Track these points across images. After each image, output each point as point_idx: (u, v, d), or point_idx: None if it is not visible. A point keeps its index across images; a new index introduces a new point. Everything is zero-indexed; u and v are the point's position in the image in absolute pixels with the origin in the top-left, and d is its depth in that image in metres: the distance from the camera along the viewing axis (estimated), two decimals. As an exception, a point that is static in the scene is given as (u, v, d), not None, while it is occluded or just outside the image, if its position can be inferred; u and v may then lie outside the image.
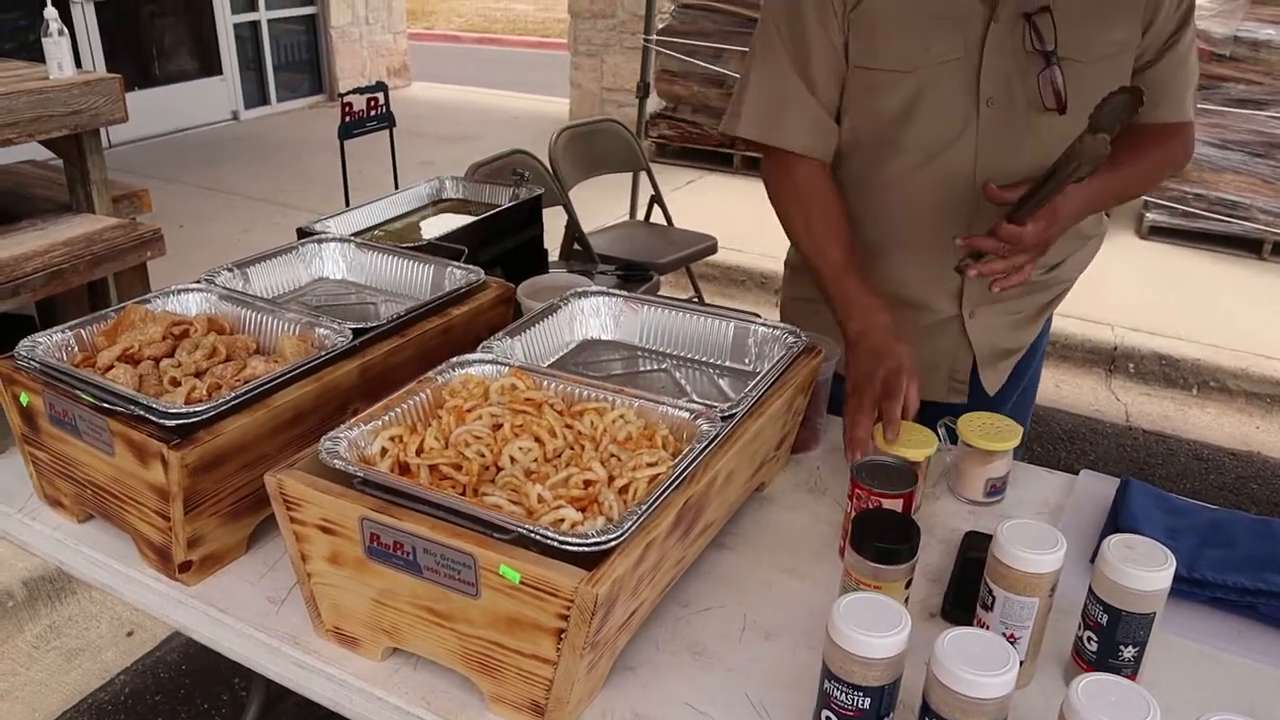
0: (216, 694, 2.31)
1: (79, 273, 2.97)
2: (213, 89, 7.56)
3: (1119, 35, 1.42)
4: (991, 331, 1.59)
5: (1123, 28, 1.42)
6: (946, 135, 1.44)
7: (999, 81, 1.41)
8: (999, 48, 1.40)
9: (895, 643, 0.84)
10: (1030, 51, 1.39)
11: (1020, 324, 1.62)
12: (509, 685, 0.94)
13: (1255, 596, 1.12)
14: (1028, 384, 1.73)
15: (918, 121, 1.44)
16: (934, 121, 1.44)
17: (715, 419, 1.08)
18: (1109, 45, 1.42)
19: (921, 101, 1.43)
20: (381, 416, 1.08)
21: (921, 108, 1.43)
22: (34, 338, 1.21)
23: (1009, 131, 1.43)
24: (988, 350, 1.60)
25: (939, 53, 1.41)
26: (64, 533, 1.25)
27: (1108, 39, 1.42)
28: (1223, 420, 3.69)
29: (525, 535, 0.88)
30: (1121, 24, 1.42)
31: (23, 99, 2.95)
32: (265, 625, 1.09)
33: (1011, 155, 1.43)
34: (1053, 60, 1.38)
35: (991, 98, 1.42)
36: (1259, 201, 4.88)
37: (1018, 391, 1.70)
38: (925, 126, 1.44)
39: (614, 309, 1.44)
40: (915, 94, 1.43)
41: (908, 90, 1.43)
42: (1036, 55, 1.39)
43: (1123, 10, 1.42)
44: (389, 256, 1.57)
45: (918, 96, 1.43)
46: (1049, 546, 0.95)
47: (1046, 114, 1.41)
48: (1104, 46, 1.41)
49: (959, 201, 1.46)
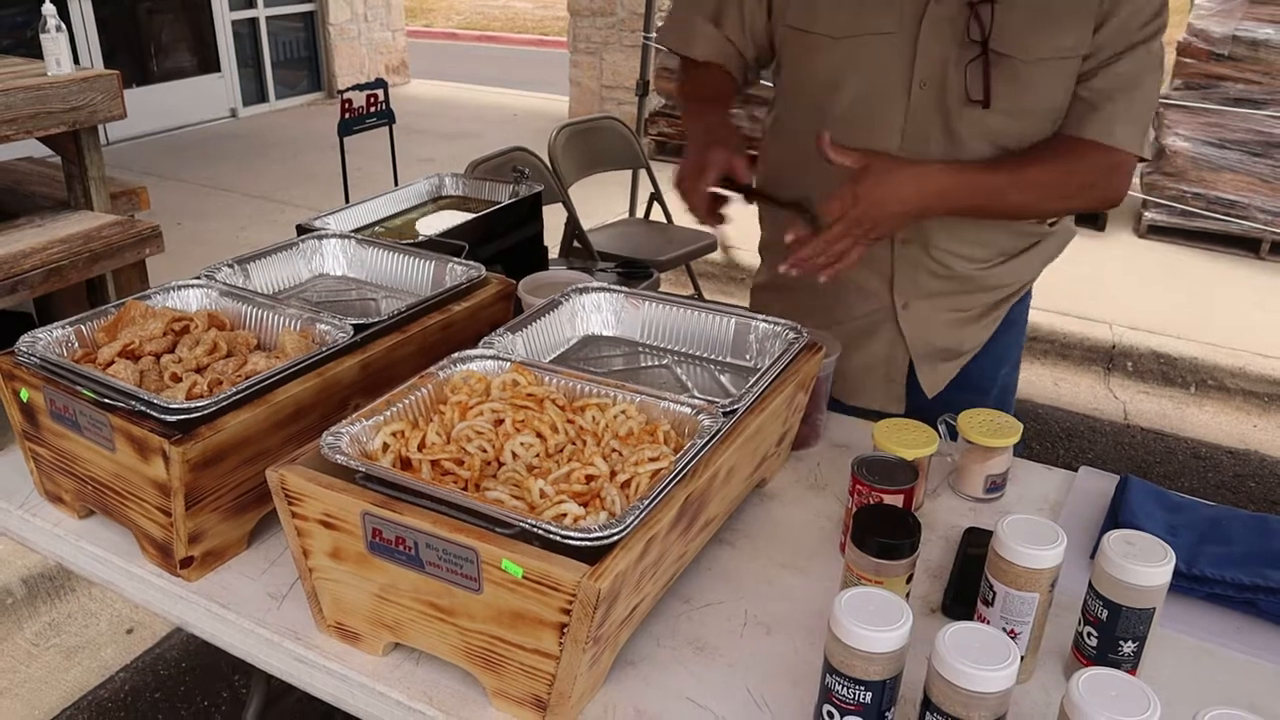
0: (216, 691, 2.31)
1: (77, 270, 2.97)
2: (211, 86, 7.55)
3: (1065, 41, 1.38)
4: (928, 328, 1.57)
5: (1070, 34, 1.38)
6: (874, 111, 1.44)
7: (935, 66, 1.40)
8: (938, 31, 1.39)
9: (896, 637, 0.85)
10: (968, 41, 1.37)
11: (962, 323, 1.58)
12: (511, 680, 0.94)
13: (1254, 592, 1.12)
14: (996, 400, 1.65)
15: (846, 92, 1.45)
16: (863, 95, 1.44)
17: (717, 415, 1.09)
18: (1052, 49, 1.38)
19: (851, 72, 1.44)
20: (383, 412, 1.08)
21: (851, 78, 1.44)
22: (34, 333, 1.21)
23: (938, 118, 1.42)
24: (924, 348, 1.58)
25: (870, 23, 1.41)
26: (64, 529, 1.25)
27: (1052, 43, 1.38)
28: (1220, 419, 3.69)
29: (528, 530, 0.89)
30: (1069, 30, 1.38)
31: (21, 95, 2.95)
32: (267, 621, 1.09)
33: (937, 141, 1.43)
34: (986, 50, 1.36)
35: (925, 81, 1.41)
36: (1257, 200, 4.88)
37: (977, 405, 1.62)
38: (854, 98, 1.45)
39: (615, 305, 1.44)
40: (845, 63, 1.44)
41: (838, 58, 1.44)
42: (974, 44, 1.37)
43: (1073, 16, 1.37)
44: (389, 253, 1.57)
45: (848, 66, 1.44)
46: (1049, 542, 0.96)
47: (972, 106, 1.39)
48: (1046, 49, 1.37)
49: None
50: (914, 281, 1.53)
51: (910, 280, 1.53)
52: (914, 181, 1.35)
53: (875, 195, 1.31)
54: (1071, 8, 1.37)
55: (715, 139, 1.42)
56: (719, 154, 1.39)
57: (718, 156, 1.39)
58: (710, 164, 1.38)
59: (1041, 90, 1.40)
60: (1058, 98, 1.41)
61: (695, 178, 1.39)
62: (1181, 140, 4.98)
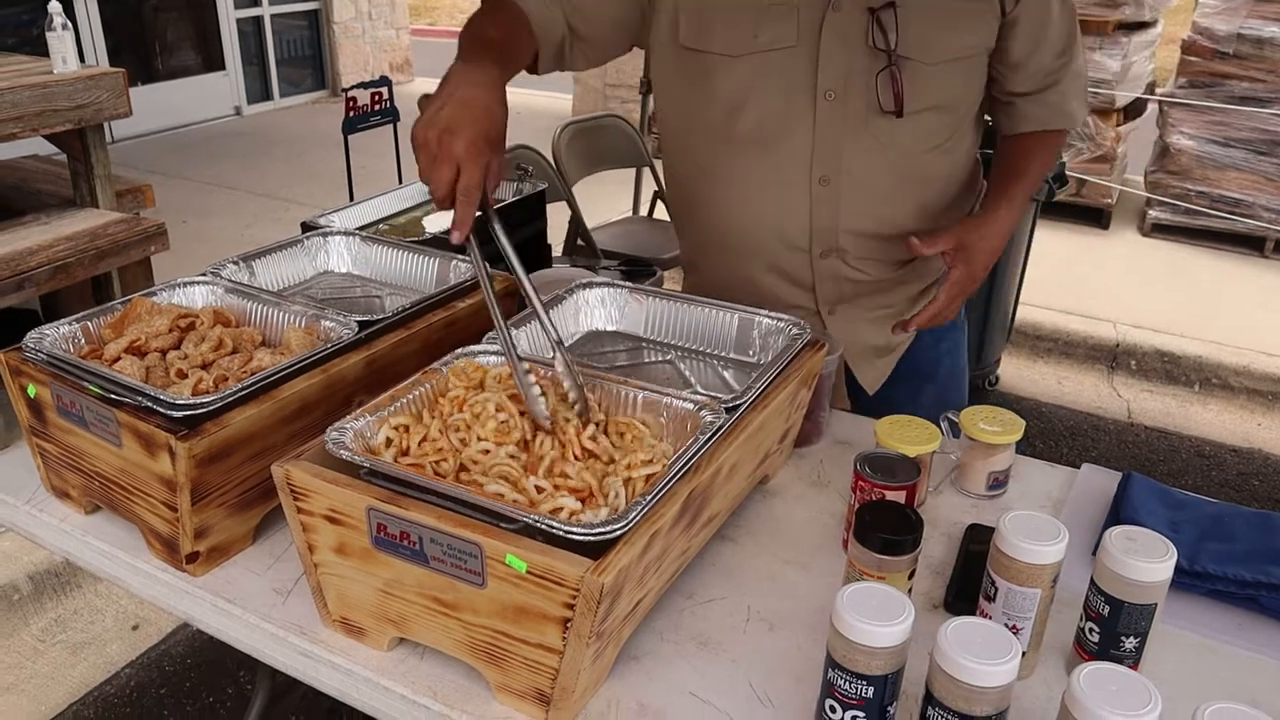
0: (222, 687, 2.32)
1: (83, 267, 2.98)
2: (216, 84, 7.57)
3: (967, 40, 1.37)
4: (856, 328, 1.56)
5: (971, 32, 1.37)
6: (782, 127, 1.40)
7: (839, 76, 1.37)
8: (839, 39, 1.35)
9: (899, 632, 0.85)
10: (872, 48, 1.34)
11: (888, 319, 1.57)
12: (515, 674, 0.95)
13: (1256, 589, 1.12)
14: (944, 385, 1.66)
15: (751, 110, 1.41)
16: (768, 112, 1.40)
17: (720, 411, 1.09)
18: (955, 49, 1.37)
19: (754, 90, 1.39)
20: (387, 407, 1.08)
21: (755, 96, 1.40)
22: (41, 330, 1.22)
23: (847, 128, 1.39)
24: (856, 347, 1.58)
25: (768, 39, 1.36)
26: (71, 524, 1.26)
27: (954, 43, 1.37)
28: (1224, 417, 3.69)
29: (531, 525, 0.89)
30: (970, 28, 1.37)
31: (26, 93, 2.96)
32: (272, 616, 1.10)
33: (849, 153, 1.41)
34: (893, 59, 1.33)
35: (831, 91, 1.37)
36: (1261, 199, 4.88)
37: (924, 392, 1.63)
38: (759, 116, 1.41)
39: (619, 300, 1.44)
40: (746, 81, 1.39)
41: (738, 77, 1.39)
42: (879, 53, 1.34)
43: (972, 15, 1.37)
44: (394, 250, 1.58)
45: (749, 84, 1.39)
46: (1051, 537, 0.96)
47: (885, 115, 1.37)
48: (949, 50, 1.36)
49: (797, 196, 1.44)
50: (836, 289, 1.53)
51: (832, 288, 1.53)
52: (999, 236, 1.44)
53: (980, 265, 1.43)
54: (968, 6, 1.36)
55: (491, 129, 1.11)
56: (496, 161, 1.11)
57: (495, 165, 1.11)
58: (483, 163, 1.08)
59: (945, 90, 1.39)
60: (961, 94, 1.42)
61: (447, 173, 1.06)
62: (1186, 139, 4.97)
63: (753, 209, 1.48)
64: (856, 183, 1.42)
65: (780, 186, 1.44)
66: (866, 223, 1.46)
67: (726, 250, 1.55)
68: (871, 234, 1.47)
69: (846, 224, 1.46)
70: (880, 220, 1.46)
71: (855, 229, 1.46)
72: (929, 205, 1.48)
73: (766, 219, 1.48)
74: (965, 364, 1.74)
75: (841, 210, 1.44)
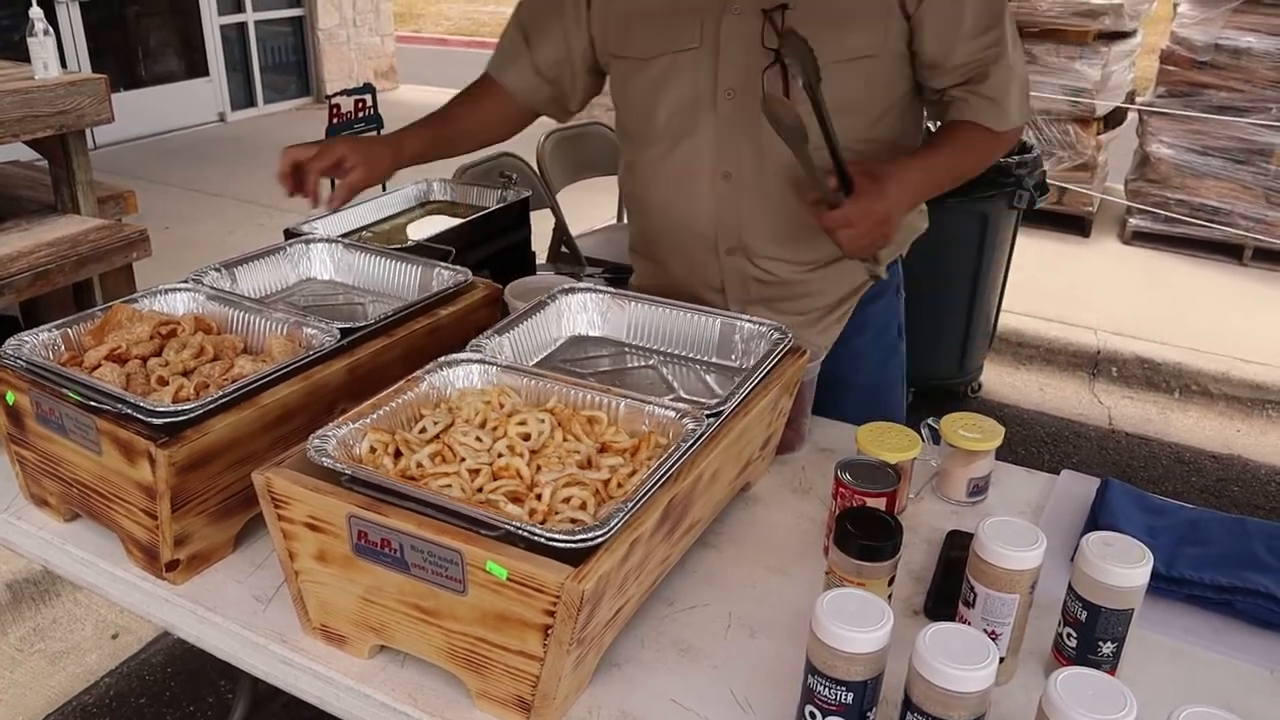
0: (202, 697, 2.30)
1: (64, 274, 2.96)
2: (199, 90, 7.53)
3: (859, 41, 1.40)
4: None
5: (862, 32, 1.39)
6: (687, 124, 1.47)
7: (739, 75, 1.42)
8: (738, 41, 1.41)
9: (878, 638, 0.85)
10: (766, 49, 1.39)
11: (808, 323, 1.58)
12: (495, 682, 0.95)
13: (1232, 594, 1.13)
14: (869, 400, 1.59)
15: (662, 109, 1.49)
16: (675, 110, 1.48)
17: (701, 418, 1.09)
18: (847, 50, 1.39)
19: (664, 89, 1.47)
20: (370, 415, 1.08)
21: (664, 96, 1.48)
22: (20, 336, 1.21)
23: (747, 125, 1.44)
24: None
25: (676, 41, 1.45)
26: (50, 532, 1.25)
27: (846, 43, 1.39)
28: (1204, 423, 3.72)
29: (512, 532, 0.89)
30: (861, 28, 1.39)
31: (8, 99, 2.94)
32: (252, 624, 1.09)
33: (749, 150, 1.45)
34: (781, 59, 1.37)
35: (732, 90, 1.43)
36: (1240, 207, 4.92)
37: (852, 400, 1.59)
38: (668, 115, 1.48)
39: (601, 305, 1.45)
40: (658, 81, 1.48)
41: (652, 78, 1.48)
42: (772, 53, 1.39)
43: (864, 16, 1.39)
44: (377, 257, 1.58)
45: (661, 84, 1.48)
46: (1029, 544, 0.97)
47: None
48: (840, 51, 1.38)
49: (702, 191, 1.49)
50: (744, 289, 1.57)
51: (740, 288, 1.57)
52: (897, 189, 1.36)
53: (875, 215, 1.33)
54: (862, 8, 1.40)
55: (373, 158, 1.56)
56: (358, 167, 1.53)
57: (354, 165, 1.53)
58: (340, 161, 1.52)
59: (842, 92, 1.38)
60: (864, 98, 1.44)
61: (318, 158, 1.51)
62: (1165, 147, 5.02)
63: (666, 205, 1.55)
64: (756, 179, 1.47)
65: (688, 182, 1.51)
66: (769, 221, 1.51)
67: (652, 248, 1.63)
68: (774, 233, 1.52)
69: (749, 220, 1.51)
70: (783, 218, 1.49)
71: (758, 227, 1.51)
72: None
73: (678, 214, 1.54)
74: (895, 384, 1.71)
75: (743, 206, 1.49)
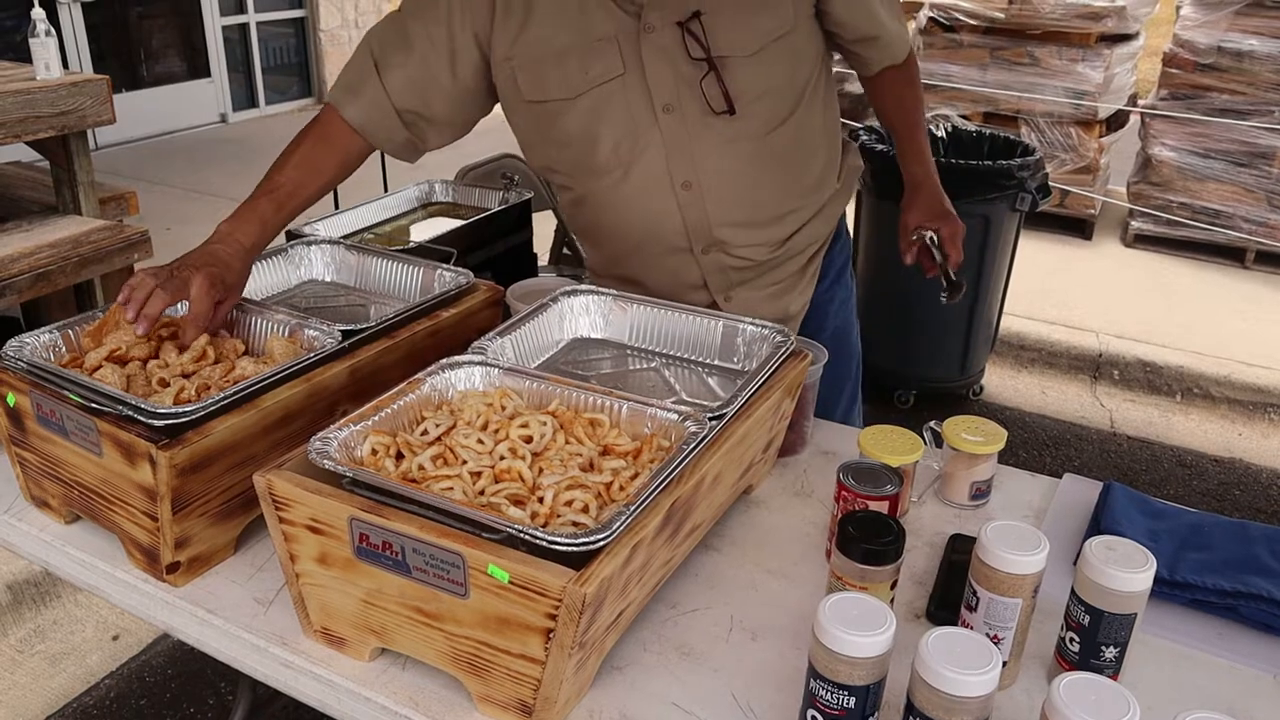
0: (203, 698, 2.30)
1: (65, 275, 2.96)
2: (201, 91, 7.53)
3: (773, 23, 1.44)
4: (752, 307, 1.60)
5: (770, 14, 1.44)
6: (634, 147, 1.47)
7: (670, 89, 1.44)
8: (661, 57, 1.42)
9: (880, 642, 0.85)
10: (691, 58, 1.41)
11: (781, 293, 1.64)
12: (497, 685, 0.94)
13: (1235, 598, 1.13)
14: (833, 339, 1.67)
15: (604, 140, 1.47)
16: (619, 138, 1.47)
17: (703, 421, 1.09)
18: (765, 33, 1.43)
19: (600, 122, 1.46)
20: (371, 417, 1.08)
21: (603, 128, 1.47)
22: (21, 338, 1.21)
23: (691, 135, 1.46)
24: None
25: (599, 73, 1.44)
26: (50, 534, 1.25)
27: (763, 28, 1.43)
28: (1206, 427, 3.71)
29: (514, 535, 0.89)
30: (769, 11, 1.44)
31: (9, 100, 2.94)
32: (253, 626, 1.09)
33: (701, 156, 1.47)
34: (712, 63, 1.40)
35: (668, 104, 1.44)
36: (1242, 210, 4.92)
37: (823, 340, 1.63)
38: (612, 144, 1.48)
39: (604, 307, 1.45)
40: (591, 115, 1.46)
41: (581, 114, 1.46)
42: (698, 61, 1.41)
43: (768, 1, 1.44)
44: (378, 259, 1.58)
45: (594, 118, 1.46)
46: (1032, 548, 0.96)
47: (720, 115, 1.43)
48: (760, 37, 1.43)
49: (667, 205, 1.50)
50: (725, 279, 1.59)
51: (720, 279, 1.59)
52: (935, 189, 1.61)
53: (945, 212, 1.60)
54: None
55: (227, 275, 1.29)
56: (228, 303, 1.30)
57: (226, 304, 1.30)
58: (189, 291, 1.24)
59: (772, 75, 1.46)
60: (791, 73, 1.48)
61: (165, 285, 1.22)
62: (1167, 150, 5.02)
63: (630, 226, 1.55)
64: (716, 180, 1.49)
65: (649, 199, 1.51)
66: (736, 214, 1.52)
67: (623, 268, 1.63)
68: (744, 222, 1.53)
69: (718, 219, 1.52)
70: (749, 207, 1.53)
71: (727, 221, 1.52)
72: (792, 180, 1.55)
73: (645, 230, 1.54)
74: (852, 325, 1.83)
75: (709, 208, 1.50)
